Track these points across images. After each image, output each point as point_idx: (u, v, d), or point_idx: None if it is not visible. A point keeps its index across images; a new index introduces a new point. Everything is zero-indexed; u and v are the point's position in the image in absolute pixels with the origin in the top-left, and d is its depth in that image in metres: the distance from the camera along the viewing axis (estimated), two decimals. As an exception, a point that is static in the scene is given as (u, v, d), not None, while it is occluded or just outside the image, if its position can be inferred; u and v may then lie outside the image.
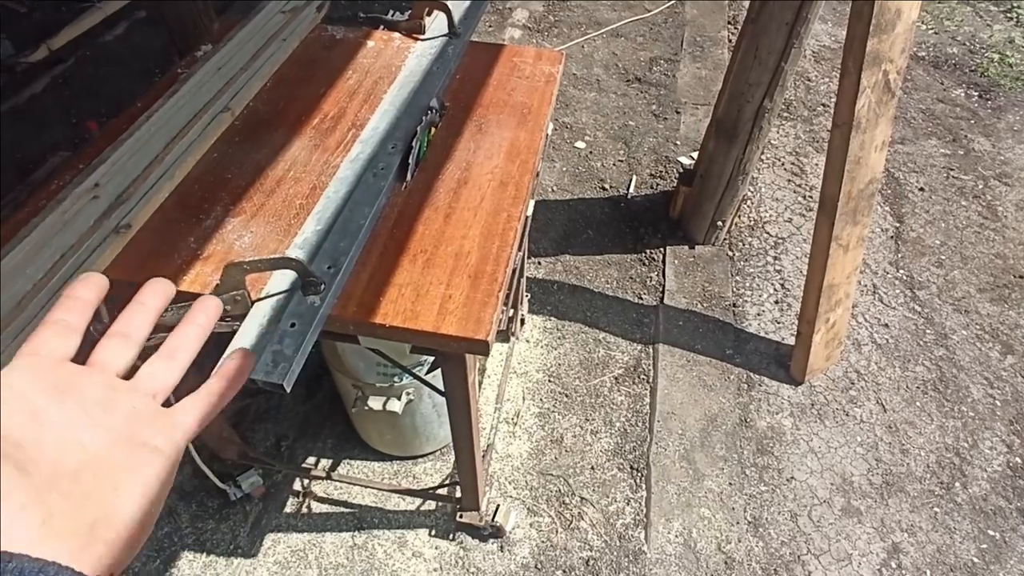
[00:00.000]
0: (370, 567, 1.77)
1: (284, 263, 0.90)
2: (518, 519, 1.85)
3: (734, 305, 2.44)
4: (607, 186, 2.94)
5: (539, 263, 2.61)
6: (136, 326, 0.41)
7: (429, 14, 1.55)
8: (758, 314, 2.42)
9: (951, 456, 2.05)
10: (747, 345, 2.31)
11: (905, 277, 2.62)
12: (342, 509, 1.88)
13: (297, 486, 1.93)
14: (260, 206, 1.12)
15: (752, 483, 1.95)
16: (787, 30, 1.87)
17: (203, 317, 0.45)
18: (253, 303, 0.95)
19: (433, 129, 1.29)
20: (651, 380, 2.21)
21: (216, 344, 0.91)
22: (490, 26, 4.01)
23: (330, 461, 1.98)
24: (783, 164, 3.07)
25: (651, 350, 2.30)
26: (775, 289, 2.52)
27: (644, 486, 1.94)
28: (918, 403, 2.19)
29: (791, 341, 2.31)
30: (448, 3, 1.64)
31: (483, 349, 0.93)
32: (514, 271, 1.43)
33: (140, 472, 0.34)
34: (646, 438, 2.05)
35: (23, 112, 3.37)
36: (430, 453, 1.99)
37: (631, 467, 1.99)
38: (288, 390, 0.85)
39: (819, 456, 2.02)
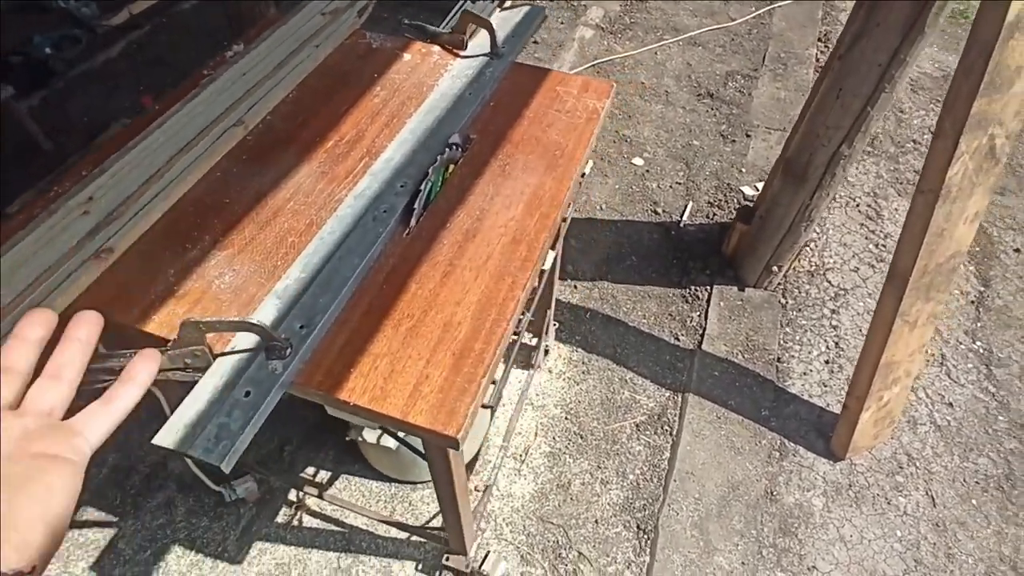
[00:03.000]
0: (352, 594, 1.72)
1: (245, 326, 0.82)
2: (508, 568, 1.75)
3: (778, 360, 2.24)
4: (660, 210, 2.76)
5: (575, 287, 2.48)
6: (16, 359, 0.45)
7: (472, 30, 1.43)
8: (804, 373, 2.21)
9: (1006, 569, 1.81)
10: (786, 407, 2.11)
11: (982, 350, 2.34)
12: (332, 527, 1.84)
13: (293, 495, 1.90)
14: (250, 240, 1.04)
15: (768, 566, 1.79)
16: (879, 72, 1.65)
17: (84, 332, 0.49)
18: (216, 357, 0.87)
19: (452, 167, 1.18)
20: (674, 433, 2.05)
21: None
22: (561, 22, 3.84)
23: (328, 475, 1.94)
24: (857, 205, 2.80)
25: (679, 399, 2.14)
26: (827, 347, 2.29)
27: (649, 551, 1.80)
28: (975, 501, 1.94)
29: (837, 409, 2.10)
30: (502, 17, 1.52)
31: (452, 444, 0.83)
32: (513, 340, 1.31)
33: (38, 481, 0.39)
34: (659, 497, 1.91)
35: (96, 76, 3.46)
36: (430, 480, 1.92)
37: (638, 527, 1.86)
38: (227, 471, 0.77)
39: (849, 546, 1.83)
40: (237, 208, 1.09)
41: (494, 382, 1.06)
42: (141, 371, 0.51)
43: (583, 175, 1.38)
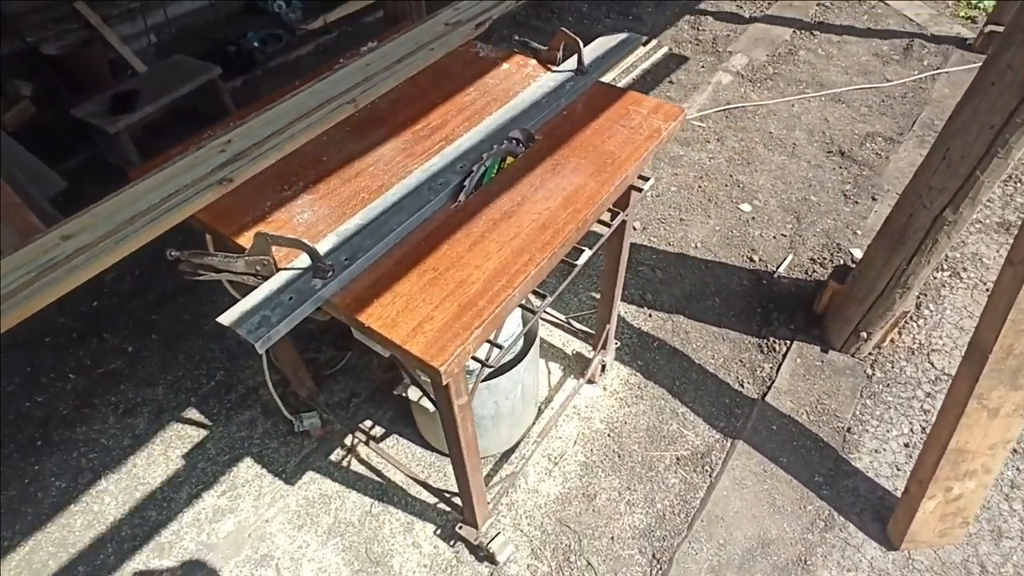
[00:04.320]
0: (373, 537, 1.89)
1: (298, 244, 1.02)
2: (516, 555, 1.83)
3: (848, 430, 2.10)
4: (757, 258, 2.70)
5: (650, 315, 2.50)
6: None
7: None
8: (876, 450, 2.05)
9: None
10: (845, 480, 1.97)
11: (1113, 478, 2.00)
12: (373, 476, 2.03)
13: (348, 440, 2.12)
14: (332, 190, 1.27)
15: (782, 633, 1.68)
16: (991, 135, 1.55)
17: None
18: (279, 270, 1.09)
19: (511, 159, 1.33)
20: (714, 475, 2.00)
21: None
22: (702, 66, 3.88)
23: (382, 431, 2.14)
24: (987, 288, 2.53)
25: (728, 443, 2.08)
26: (911, 430, 2.10)
27: (657, 580, 1.78)
28: (1057, 638, 1.68)
29: (907, 496, 1.92)
30: (601, 41, 1.66)
31: (436, 376, 0.96)
32: (538, 309, 1.39)
33: None
34: (682, 532, 1.88)
35: (287, 68, 4.11)
36: (467, 458, 2.05)
37: (653, 555, 1.84)
38: (261, 352, 0.97)
39: (882, 641, 1.67)
40: (330, 165, 1.33)
41: (497, 345, 1.17)
42: None
43: (640, 190, 1.47)
